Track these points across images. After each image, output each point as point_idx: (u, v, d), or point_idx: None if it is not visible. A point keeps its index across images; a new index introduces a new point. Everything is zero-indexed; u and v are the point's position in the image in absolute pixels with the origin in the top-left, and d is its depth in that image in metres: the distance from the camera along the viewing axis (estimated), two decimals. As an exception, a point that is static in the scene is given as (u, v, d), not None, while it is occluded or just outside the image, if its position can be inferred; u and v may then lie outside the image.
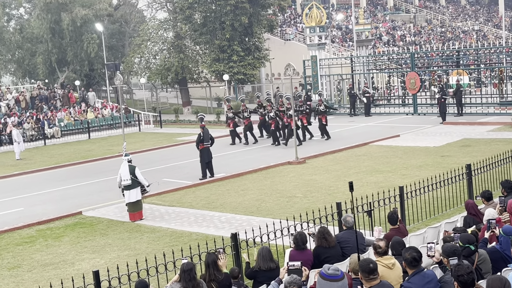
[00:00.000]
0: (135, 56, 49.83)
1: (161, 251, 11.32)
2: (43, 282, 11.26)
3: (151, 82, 51.50)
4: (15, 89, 45.47)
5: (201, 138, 20.94)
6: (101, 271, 8.57)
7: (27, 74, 57.71)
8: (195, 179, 20.65)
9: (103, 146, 32.50)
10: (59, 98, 42.64)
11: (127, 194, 15.84)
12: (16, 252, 13.84)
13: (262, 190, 18.14)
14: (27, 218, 17.01)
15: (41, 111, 39.50)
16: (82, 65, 51.70)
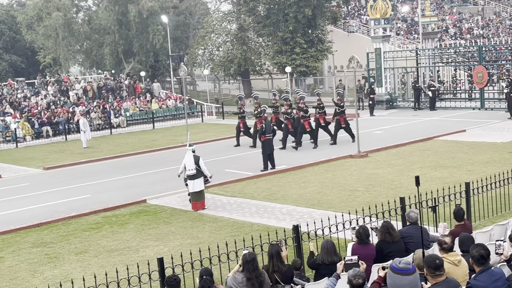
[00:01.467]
0: (199, 48, 50.37)
1: (223, 241, 11.45)
2: (108, 268, 11.56)
3: (214, 73, 51.93)
4: (83, 79, 46.68)
5: (263, 130, 21.00)
6: (165, 259, 8.73)
7: (94, 64, 59.22)
8: (257, 170, 20.73)
9: (167, 136, 33.02)
10: (125, 88, 43.56)
11: (191, 183, 16.04)
12: (83, 237, 14.26)
13: (323, 183, 18.05)
14: (93, 205, 17.49)
15: (108, 101, 40.46)
16: (148, 56, 52.62)
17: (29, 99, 39.82)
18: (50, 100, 39.34)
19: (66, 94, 41.45)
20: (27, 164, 25.99)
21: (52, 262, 12.51)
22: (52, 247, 13.62)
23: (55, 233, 14.79)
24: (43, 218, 16.28)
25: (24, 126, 34.51)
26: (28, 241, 14.23)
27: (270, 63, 46.59)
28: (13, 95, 40.13)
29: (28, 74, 58.66)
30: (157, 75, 54.90)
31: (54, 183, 21.40)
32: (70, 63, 57.91)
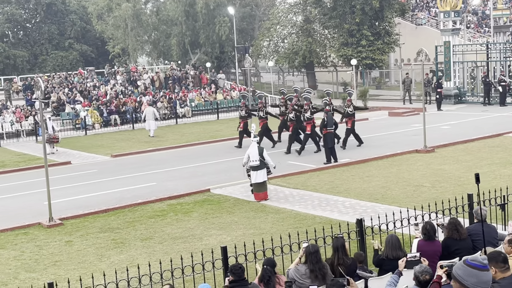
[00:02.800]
0: (264, 40, 50.46)
1: (285, 232, 11.47)
2: (173, 254, 11.77)
3: (279, 65, 51.96)
4: (150, 70, 47.57)
5: (325, 123, 20.88)
6: (228, 248, 8.82)
7: (161, 55, 60.18)
8: (320, 163, 20.66)
9: (231, 127, 33.23)
10: (191, 79, 44.12)
11: (254, 174, 16.13)
12: (149, 224, 14.57)
13: (387, 178, 17.82)
14: (159, 193, 17.84)
15: (174, 91, 41.09)
16: (214, 48, 53.10)
17: (98, 88, 40.90)
18: (119, 89, 40.28)
19: (134, 84, 42.34)
20: (96, 151, 26.73)
21: (118, 247, 12.84)
22: (119, 232, 13.98)
23: (121, 219, 15.17)
24: (111, 204, 16.73)
25: (93, 114, 35.48)
26: (95, 226, 14.65)
27: (335, 55, 46.20)
28: (83, 84, 41.29)
29: (97, 64, 60.18)
30: (222, 66, 55.35)
31: (121, 170, 21.95)
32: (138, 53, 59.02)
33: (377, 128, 28.74)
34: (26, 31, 62.38)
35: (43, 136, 15.90)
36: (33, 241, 13.63)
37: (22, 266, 11.95)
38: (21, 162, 25.04)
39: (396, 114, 33.74)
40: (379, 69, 46.90)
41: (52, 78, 43.19)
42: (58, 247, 13.08)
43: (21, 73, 53.58)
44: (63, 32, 61.96)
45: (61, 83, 41.42)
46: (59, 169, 23.00)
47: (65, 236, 13.93)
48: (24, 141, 31.84)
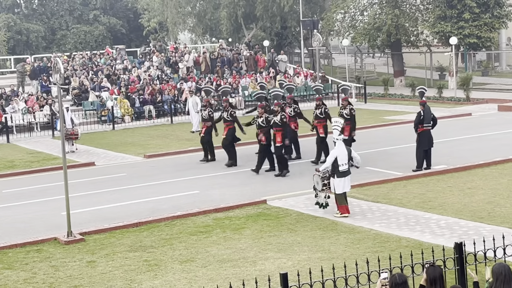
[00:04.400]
0: (338, 12, 50.25)
1: (362, 257, 11.40)
2: (219, 281, 11.85)
3: (356, 44, 51.66)
4: (194, 49, 48.06)
5: (420, 119, 20.61)
6: (289, 275, 8.82)
7: (208, 30, 60.68)
8: (408, 170, 20.47)
9: (294, 122, 33.25)
10: (244, 60, 44.35)
11: (341, 182, 15.89)
12: (190, 243, 14.72)
13: (496, 191, 17.50)
14: (202, 204, 18.00)
15: (222, 76, 41.38)
16: (273, 22, 53.23)
17: (129, 71, 41.59)
18: (154, 74, 40.85)
19: (173, 67, 42.87)
20: (125, 151, 27.20)
21: (152, 271, 13.02)
22: (153, 252, 14.18)
23: (156, 235, 15.38)
24: (143, 216, 16.98)
25: (122, 104, 36.08)
26: (124, 243, 14.90)
27: (430, 32, 45.63)
28: (111, 66, 42.04)
29: (129, 41, 61.26)
30: (283, 45, 55.47)
31: (156, 175, 22.25)
32: (179, 28, 59.65)
33: (482, 126, 28.22)
34: (42, 0, 63.93)
35: (62, 131, 16.26)
36: (47, 261, 13.97)
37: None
38: (34, 162, 25.72)
39: (507, 108, 33.09)
40: (486, 50, 46.04)
41: (73, 58, 44.18)
42: (78, 269, 13.36)
43: (35, 52, 55.03)
44: (87, 2, 63.31)
45: (84, 64, 42.32)
46: (80, 171, 23.51)
47: (87, 255, 14.22)
48: (38, 136, 32.70)
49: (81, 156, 26.56)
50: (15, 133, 33.07)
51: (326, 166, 16.15)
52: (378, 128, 30.42)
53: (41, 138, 32.17)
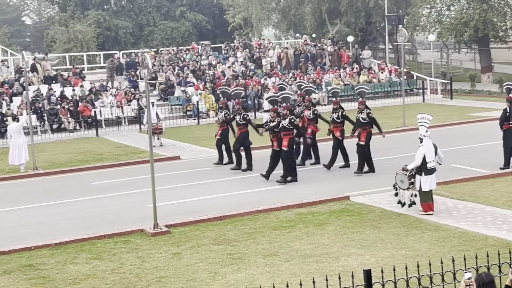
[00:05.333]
0: (424, 7, 49.50)
1: (447, 256, 11.21)
2: (302, 276, 11.87)
3: (442, 40, 50.75)
4: (277, 45, 48.13)
5: (506, 115, 20.16)
6: (372, 271, 8.76)
7: (292, 26, 60.75)
8: (495, 167, 20.04)
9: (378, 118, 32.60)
10: (327, 56, 44.18)
11: (428, 179, 15.70)
12: (273, 237, 14.79)
13: None
14: (285, 198, 18.06)
15: (306, 72, 41.33)
16: (358, 17, 52.87)
17: (214, 67, 41.99)
18: (239, 69, 41.13)
19: (257, 62, 43.06)
20: (210, 145, 27.44)
21: (235, 264, 13.15)
22: (236, 245, 14.31)
23: (239, 229, 15.51)
24: (227, 210, 17.16)
25: (207, 99, 36.48)
26: (208, 236, 15.09)
27: (519, 27, 44.44)
28: (197, 62, 42.53)
29: (214, 37, 61.82)
30: (368, 40, 55.03)
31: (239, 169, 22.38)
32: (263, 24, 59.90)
33: None
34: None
35: (149, 125, 16.56)
36: (134, 252, 14.27)
37: (121, 281, 12.54)
38: (122, 156, 26.29)
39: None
40: None
41: (160, 54, 44.89)
42: (163, 260, 13.61)
43: (123, 48, 56.15)
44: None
45: (170, 60, 42.93)
46: (166, 165, 23.92)
47: (172, 247, 14.46)
48: (126, 130, 33.40)
49: (167, 150, 26.99)
50: (103, 127, 33.87)
51: (416, 165, 15.86)
52: (463, 125, 29.90)
53: (128, 132, 32.83)
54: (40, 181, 22.90)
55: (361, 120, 21.08)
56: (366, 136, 20.93)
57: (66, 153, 27.52)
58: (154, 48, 50.28)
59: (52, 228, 16.61)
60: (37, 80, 37.45)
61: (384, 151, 23.58)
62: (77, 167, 24.42)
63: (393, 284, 8.56)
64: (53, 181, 22.67)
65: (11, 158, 23.79)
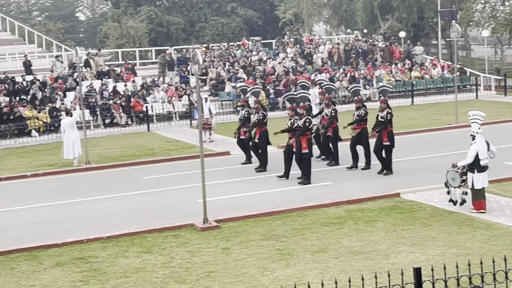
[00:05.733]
0: (478, 2, 48.78)
1: (499, 255, 11.04)
2: (351, 273, 11.83)
3: (496, 35, 49.99)
4: (328, 40, 47.96)
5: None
6: (422, 269, 8.68)
7: (343, 22, 60.50)
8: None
9: (430, 114, 32.69)
10: (379, 52, 43.86)
11: (480, 177, 15.49)
12: (322, 233, 14.76)
13: None
14: (335, 195, 18.01)
15: (357, 68, 41.09)
16: (410, 12, 52.41)
17: (264, 62, 42.02)
18: (289, 65, 41.09)
19: (307, 58, 42.97)
20: (260, 141, 27.50)
21: (284, 260, 13.16)
22: (285, 241, 14.32)
23: (288, 225, 15.52)
24: (276, 206, 17.18)
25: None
26: (257, 231, 15.13)
27: None
28: (247, 58, 42.62)
29: (264, 33, 61.89)
30: (420, 36, 54.49)
31: (289, 165, 22.35)
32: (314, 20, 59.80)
33: None
34: (182, -7, 65.61)
35: (199, 120, 16.67)
36: (184, 246, 14.39)
37: (171, 275, 12.66)
38: (173, 151, 26.49)
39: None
40: None
41: (211, 50, 45.09)
42: (213, 255, 13.69)
43: (175, 44, 56.54)
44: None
45: (221, 56, 43.10)
46: (216, 160, 24.04)
47: (222, 242, 14.54)
48: (177, 126, 33.64)
49: (217, 145, 27.11)
50: (155, 122, 34.17)
51: (467, 162, 15.65)
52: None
53: (179, 127, 33.06)
54: (93, 175, 23.22)
55: (380, 119, 20.50)
56: (387, 136, 20.31)
57: (118, 148, 27.86)
58: (205, 44, 50.52)
59: (104, 221, 16.85)
60: (90, 76, 37.97)
61: (436, 148, 23.36)
62: (128, 162, 24.70)
63: (444, 282, 8.48)
64: (105, 175, 22.98)
65: (65, 152, 24.15)
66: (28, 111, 32.24)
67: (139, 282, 12.37)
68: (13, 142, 30.51)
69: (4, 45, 43.03)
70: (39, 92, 34.62)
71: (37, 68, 39.08)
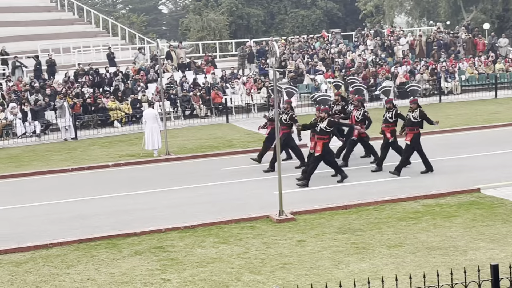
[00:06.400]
0: None
1: None
2: (427, 269, 11.67)
3: None
4: (410, 32, 47.30)
5: None
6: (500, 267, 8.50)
7: (425, 13, 59.54)
8: None
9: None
10: (461, 44, 43.00)
11: None
12: (398, 228, 14.60)
13: None
14: (412, 189, 17.79)
15: (438, 60, 40.41)
16: (495, 4, 51.25)
17: (344, 55, 41.75)
18: (369, 57, 40.72)
19: (388, 51, 42.48)
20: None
21: (359, 253, 13.08)
22: (361, 235, 14.23)
23: (365, 218, 15.42)
24: (352, 199, 17.09)
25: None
26: (333, 225, 15.08)
27: None
28: (326, 50, 42.42)
29: (344, 25, 61.50)
30: (505, 28, 53.19)
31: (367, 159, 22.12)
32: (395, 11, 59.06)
33: None
34: (263, -15, 65.75)
35: (276, 113, 16.68)
36: (259, 237, 14.46)
37: (246, 266, 12.74)
38: (251, 143, 26.62)
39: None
40: None
41: (291, 42, 45.07)
42: (288, 247, 13.72)
43: (255, 36, 56.74)
44: (305, -13, 64.24)
45: (300, 48, 43.03)
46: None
47: (297, 234, 14.55)
48: (255, 117, 33.76)
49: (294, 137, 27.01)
50: (233, 114, 34.40)
51: None
52: None
53: (257, 119, 33.11)
54: (172, 165, 23.57)
55: (412, 119, 19.70)
56: (412, 137, 19.58)
57: (197, 139, 28.18)
58: (285, 36, 50.53)
59: (182, 211, 17.09)
60: (171, 68, 38.50)
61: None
62: (207, 153, 24.97)
63: (522, 280, 8.29)
64: (184, 166, 23.29)
65: (147, 143, 24.57)
66: (111, 102, 32.96)
67: (214, 272, 12.50)
68: (96, 132, 31.26)
69: (89, 38, 44.07)
70: (122, 83, 35.32)
71: (120, 60, 39.91)
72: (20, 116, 30.86)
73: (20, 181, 22.26)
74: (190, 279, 12.18)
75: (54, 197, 19.48)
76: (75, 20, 47.85)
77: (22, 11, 45.26)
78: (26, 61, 37.82)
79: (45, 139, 30.26)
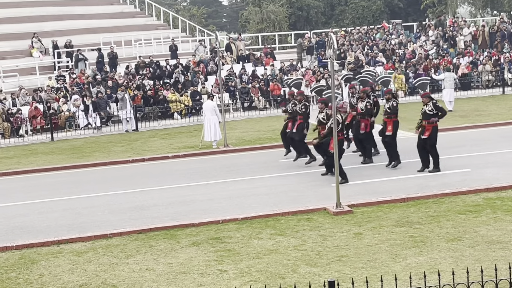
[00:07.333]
0: None
1: None
2: (486, 263, 11.49)
3: None
4: (473, 23, 46.51)
5: None
6: (561, 262, 8.35)
7: (488, 3, 58.41)
8: None
9: None
10: (525, 35, 42.13)
11: None
12: (458, 221, 14.40)
13: None
14: (473, 182, 17.53)
15: (502, 51, 39.63)
16: (560, -7, 49.87)
17: (405, 46, 41.26)
18: (430, 48, 40.17)
19: (450, 41, 41.84)
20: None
21: (417, 247, 12.95)
22: (419, 228, 14.08)
23: (423, 212, 15.25)
24: (411, 192, 16.94)
25: (397, 80, 35.89)
26: (391, 217, 14.95)
27: None
28: (387, 41, 42.00)
29: (406, 16, 60.71)
30: None
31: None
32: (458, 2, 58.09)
33: None
34: (322, -23, 65.39)
35: (333, 105, 16.61)
36: (316, 229, 14.43)
37: (303, 258, 12.74)
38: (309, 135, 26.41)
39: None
40: None
41: (351, 33, 44.75)
42: (345, 239, 13.67)
43: (314, 27, 56.50)
44: (365, -23, 63.61)
45: (360, 39, 42.69)
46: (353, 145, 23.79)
47: (354, 226, 14.48)
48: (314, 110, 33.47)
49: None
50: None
51: None
52: None
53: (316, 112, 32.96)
54: (230, 157, 23.68)
55: (427, 112, 18.86)
56: (431, 131, 18.83)
57: (255, 131, 28.24)
58: (345, 27, 50.18)
59: (239, 203, 17.18)
60: (230, 60, 38.65)
61: None
62: (265, 145, 25.01)
63: None
64: (242, 158, 23.39)
65: (206, 135, 24.74)
66: (171, 95, 33.28)
67: (271, 263, 12.54)
68: (156, 124, 31.63)
69: (150, 30, 44.54)
70: (182, 76, 35.61)
71: (180, 52, 40.24)
72: (83, 108, 31.41)
73: (82, 172, 22.69)
74: (247, 270, 12.25)
75: (115, 188, 19.81)
76: (136, 13, 48.44)
77: (86, 4, 45.98)
78: (88, 54, 38.46)
79: (107, 130, 30.77)
